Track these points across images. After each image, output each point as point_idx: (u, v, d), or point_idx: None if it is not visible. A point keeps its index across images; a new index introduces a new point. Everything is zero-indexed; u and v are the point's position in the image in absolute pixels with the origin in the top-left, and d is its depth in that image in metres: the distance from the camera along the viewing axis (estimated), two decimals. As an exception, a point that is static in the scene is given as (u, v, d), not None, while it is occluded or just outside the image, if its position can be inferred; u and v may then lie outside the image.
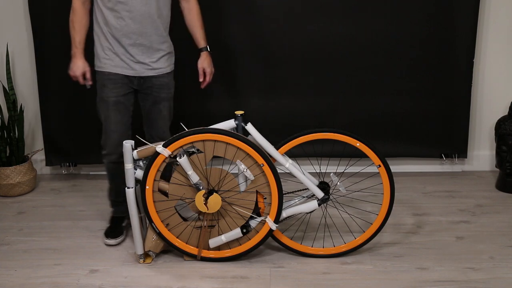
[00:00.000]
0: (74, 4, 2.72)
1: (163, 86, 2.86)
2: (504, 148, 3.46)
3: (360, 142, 2.62)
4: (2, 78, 3.64)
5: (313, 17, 3.46)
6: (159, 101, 2.87)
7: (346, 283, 2.55)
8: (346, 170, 3.58)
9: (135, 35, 2.72)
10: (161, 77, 2.84)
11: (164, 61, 2.84)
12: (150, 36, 2.74)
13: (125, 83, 2.79)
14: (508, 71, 3.62)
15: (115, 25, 2.70)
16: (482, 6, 3.46)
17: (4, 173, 3.48)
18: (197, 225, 2.72)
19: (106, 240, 2.89)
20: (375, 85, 3.57)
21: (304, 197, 2.79)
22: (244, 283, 2.57)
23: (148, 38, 2.74)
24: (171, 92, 2.92)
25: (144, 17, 2.70)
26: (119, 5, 2.66)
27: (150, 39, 2.75)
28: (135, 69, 2.78)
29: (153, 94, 2.85)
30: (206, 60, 2.96)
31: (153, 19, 2.73)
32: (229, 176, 2.64)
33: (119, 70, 2.77)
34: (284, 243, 2.76)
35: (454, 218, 3.14)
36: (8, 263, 2.78)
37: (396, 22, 3.46)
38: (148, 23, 2.72)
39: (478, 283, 2.53)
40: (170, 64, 2.90)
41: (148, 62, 2.78)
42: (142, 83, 2.82)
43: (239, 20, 3.46)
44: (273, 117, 3.61)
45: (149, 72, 2.80)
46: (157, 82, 2.84)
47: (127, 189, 2.65)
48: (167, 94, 2.90)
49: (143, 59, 2.77)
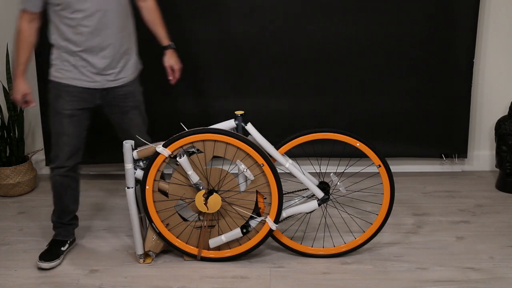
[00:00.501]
0: (20, 24, 2.59)
1: (127, 95, 2.72)
2: (504, 148, 3.46)
3: (360, 142, 2.62)
4: (2, 78, 3.64)
5: (313, 17, 3.46)
6: (127, 110, 2.75)
7: (346, 283, 2.55)
8: (346, 170, 3.57)
9: (96, 48, 2.58)
10: (125, 86, 2.71)
11: (127, 70, 2.70)
12: (111, 48, 2.61)
13: (84, 98, 2.65)
14: (508, 71, 3.62)
15: (74, 40, 2.56)
16: (482, 6, 3.46)
17: (4, 173, 3.48)
18: (197, 225, 2.72)
19: (39, 263, 2.71)
20: (375, 85, 3.57)
21: (304, 197, 2.79)
22: (244, 283, 2.57)
23: (109, 50, 2.60)
24: (138, 100, 2.79)
25: (103, 29, 2.57)
26: (76, 21, 2.52)
27: (111, 51, 2.61)
28: (97, 81, 2.64)
29: (119, 104, 2.73)
30: (172, 57, 2.88)
31: (113, 31, 2.59)
32: (229, 176, 2.64)
33: (79, 82, 2.62)
34: (284, 243, 2.76)
35: (454, 218, 3.14)
36: (8, 263, 2.78)
37: (396, 22, 3.46)
38: (108, 35, 2.58)
39: (478, 283, 2.53)
40: (134, 71, 2.76)
41: (110, 73, 2.64)
42: (105, 95, 2.68)
43: (239, 20, 3.46)
44: (273, 117, 3.61)
45: (112, 83, 2.67)
46: (121, 92, 2.70)
47: (127, 189, 2.65)
48: (134, 102, 2.76)
49: (105, 70, 2.63)
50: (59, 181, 2.75)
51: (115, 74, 2.66)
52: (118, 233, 3.05)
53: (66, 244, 2.84)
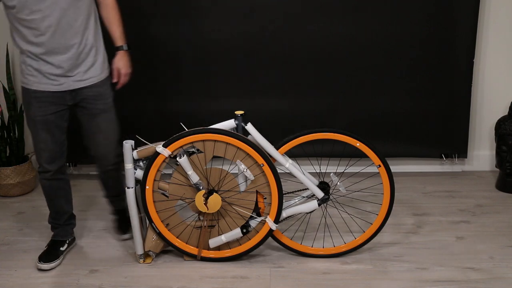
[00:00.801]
0: None
1: (97, 96, 2.60)
2: (504, 148, 3.45)
3: (360, 142, 2.62)
4: (2, 78, 3.64)
5: (313, 17, 3.46)
6: (96, 114, 2.63)
7: (346, 283, 2.55)
8: (346, 170, 3.57)
9: (59, 48, 2.46)
10: (94, 86, 2.59)
11: (95, 69, 2.59)
12: (76, 47, 2.50)
13: (54, 101, 2.55)
14: (508, 71, 3.62)
15: (35, 42, 2.44)
16: (482, 6, 3.46)
17: (4, 173, 3.48)
18: (197, 225, 2.72)
19: (38, 264, 2.69)
20: (375, 85, 3.57)
21: (304, 197, 2.79)
22: (244, 283, 2.57)
23: (73, 49, 2.49)
24: (108, 102, 2.66)
25: (66, 28, 2.45)
26: (35, 22, 2.40)
27: (76, 50, 2.50)
28: (63, 83, 2.52)
29: (88, 107, 2.61)
30: (122, 60, 2.69)
31: (76, 29, 2.48)
32: (229, 176, 2.64)
33: (45, 87, 2.52)
34: (284, 243, 2.76)
35: (454, 218, 3.14)
36: (8, 263, 2.78)
37: (396, 22, 3.46)
38: (71, 34, 2.47)
39: (478, 283, 2.53)
40: (103, 71, 2.64)
41: (75, 73, 2.53)
42: (75, 96, 2.57)
43: (239, 20, 3.46)
44: (273, 117, 3.61)
45: (79, 84, 2.55)
46: (90, 93, 2.58)
47: (127, 189, 2.65)
48: (104, 105, 2.64)
49: (70, 71, 2.52)
50: (47, 184, 2.73)
51: (81, 74, 2.55)
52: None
53: (65, 244, 2.83)
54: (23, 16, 2.40)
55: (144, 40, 3.48)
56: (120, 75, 2.70)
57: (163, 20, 3.45)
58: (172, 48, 3.50)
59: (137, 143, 2.71)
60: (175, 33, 3.48)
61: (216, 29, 3.46)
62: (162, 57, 3.53)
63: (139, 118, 3.62)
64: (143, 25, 3.46)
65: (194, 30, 3.47)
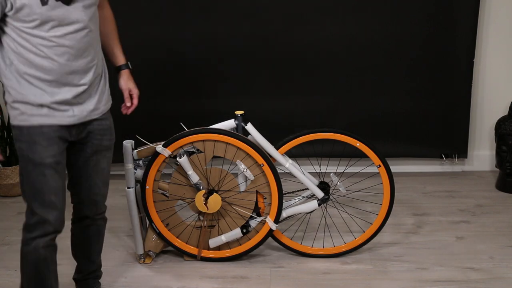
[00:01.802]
0: None
1: (105, 130, 2.16)
2: (504, 148, 3.45)
3: (360, 142, 2.62)
4: (2, 78, 3.64)
5: (313, 17, 3.46)
6: (100, 150, 2.17)
7: (346, 283, 2.55)
8: (346, 170, 3.57)
9: (74, 74, 1.99)
10: (104, 119, 2.14)
11: (105, 97, 2.15)
12: (92, 70, 2.04)
13: (62, 137, 2.04)
14: (508, 71, 3.62)
15: (44, 67, 1.94)
16: (482, 6, 3.46)
17: (4, 173, 3.48)
18: (197, 225, 2.72)
19: None
20: (375, 85, 3.57)
21: (304, 197, 2.80)
22: (244, 283, 2.57)
23: (90, 73, 2.04)
24: (113, 138, 2.23)
25: (84, 50, 1.99)
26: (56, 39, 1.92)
27: (93, 74, 2.05)
28: (75, 115, 2.03)
29: (93, 142, 2.13)
30: (130, 79, 2.32)
31: (94, 48, 2.05)
32: (229, 176, 2.64)
33: (54, 120, 2.00)
34: (284, 243, 2.76)
35: (454, 218, 3.14)
36: (8, 263, 2.78)
37: (396, 22, 3.46)
38: (89, 56, 2.01)
39: (478, 283, 2.53)
40: (109, 99, 2.20)
41: (89, 102, 2.07)
42: (82, 130, 2.09)
43: (239, 20, 3.46)
44: (273, 117, 3.61)
45: (92, 115, 2.08)
46: (99, 127, 2.13)
47: (127, 189, 2.65)
48: (109, 141, 2.20)
49: (85, 98, 2.05)
50: (42, 256, 2.08)
51: (96, 103, 2.09)
52: (118, 233, 3.05)
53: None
54: (40, 33, 1.91)
55: (144, 40, 3.48)
56: (133, 97, 2.33)
57: (163, 20, 3.45)
58: (172, 48, 3.50)
59: (137, 143, 2.71)
60: (175, 34, 3.48)
61: (217, 29, 3.46)
62: (162, 57, 3.53)
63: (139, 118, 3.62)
64: (143, 25, 3.46)
65: (194, 30, 3.47)
